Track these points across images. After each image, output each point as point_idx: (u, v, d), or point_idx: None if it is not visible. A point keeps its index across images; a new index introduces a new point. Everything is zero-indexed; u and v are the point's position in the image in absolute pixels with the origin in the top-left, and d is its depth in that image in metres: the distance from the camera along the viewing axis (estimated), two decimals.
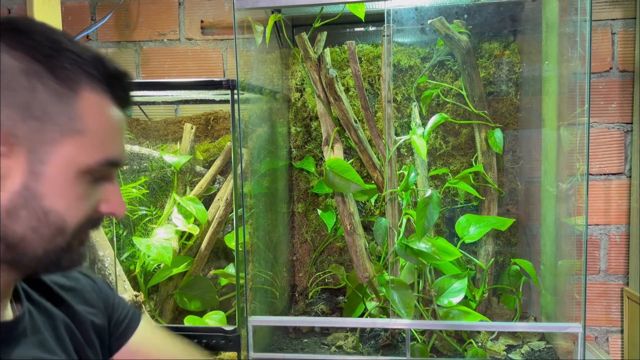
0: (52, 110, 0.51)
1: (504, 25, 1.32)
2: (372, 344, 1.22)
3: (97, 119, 0.54)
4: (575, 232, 1.09)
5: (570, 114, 1.11)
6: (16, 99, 0.49)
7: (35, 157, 0.50)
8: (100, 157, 0.54)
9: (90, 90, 0.53)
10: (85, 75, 0.53)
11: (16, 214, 0.50)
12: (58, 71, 0.52)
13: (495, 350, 1.17)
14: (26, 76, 0.50)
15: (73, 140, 0.52)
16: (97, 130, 0.54)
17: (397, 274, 1.19)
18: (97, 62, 0.54)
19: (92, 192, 0.55)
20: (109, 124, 0.55)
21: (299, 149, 1.43)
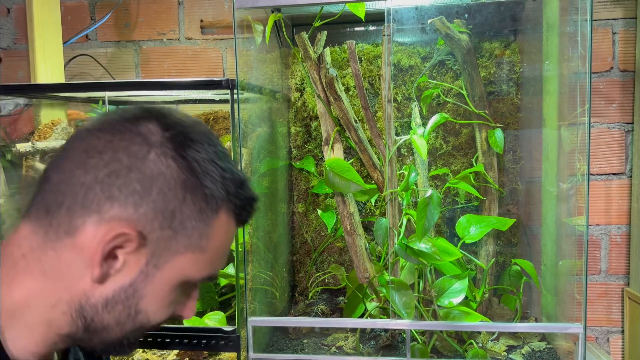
0: (189, 225, 0.52)
1: (504, 24, 1.32)
2: (372, 345, 1.22)
3: (221, 239, 0.55)
4: (576, 232, 1.09)
5: (571, 113, 1.10)
6: (164, 206, 0.50)
7: (153, 261, 0.51)
8: (207, 273, 0.55)
9: (226, 211, 0.54)
10: (227, 197, 0.54)
11: (113, 307, 0.51)
12: (209, 190, 0.52)
13: (496, 351, 1.17)
14: (182, 187, 0.51)
15: (193, 255, 0.53)
16: (216, 250, 0.55)
17: (398, 275, 1.19)
18: (241, 187, 0.56)
19: (181, 298, 0.56)
20: (228, 244, 0.57)
21: (299, 149, 1.43)
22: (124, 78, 1.55)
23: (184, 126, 0.53)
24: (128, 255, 0.50)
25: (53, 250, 0.50)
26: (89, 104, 1.45)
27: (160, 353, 1.24)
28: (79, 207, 0.49)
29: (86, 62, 1.56)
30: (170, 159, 0.51)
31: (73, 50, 1.55)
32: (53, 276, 0.50)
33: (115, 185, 0.49)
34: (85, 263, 0.49)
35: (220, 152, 0.54)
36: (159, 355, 1.23)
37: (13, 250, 0.52)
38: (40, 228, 0.51)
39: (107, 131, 0.51)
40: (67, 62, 1.49)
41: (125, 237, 0.49)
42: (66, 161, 0.51)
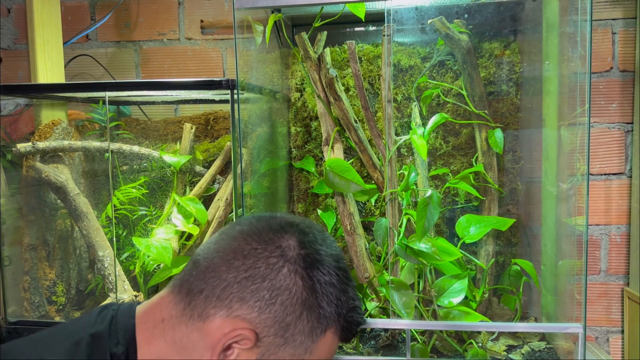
0: (299, 339, 0.57)
1: (504, 25, 1.32)
2: (372, 344, 1.22)
3: (322, 355, 0.60)
4: (576, 232, 1.09)
5: (571, 113, 1.10)
6: (283, 317, 0.57)
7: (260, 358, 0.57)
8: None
9: (333, 332, 0.60)
10: (338, 319, 0.60)
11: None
12: (324, 311, 0.58)
13: (496, 351, 1.17)
14: (302, 305, 0.57)
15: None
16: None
17: (397, 274, 1.19)
18: (352, 311, 0.61)
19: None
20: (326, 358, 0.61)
21: (299, 149, 1.43)
22: (124, 78, 1.55)
23: (317, 247, 0.60)
24: (242, 350, 0.57)
25: (185, 325, 0.58)
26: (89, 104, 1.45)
27: None
28: (215, 298, 0.57)
29: (86, 62, 1.56)
30: (298, 277, 0.58)
31: (73, 51, 1.55)
32: (180, 347, 0.58)
33: (248, 289, 0.57)
34: (207, 346, 0.57)
35: (342, 275, 0.60)
36: None
37: (155, 312, 0.60)
38: (180, 302, 0.59)
39: (255, 238, 0.59)
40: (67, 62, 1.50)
41: (244, 335, 0.56)
42: (216, 254, 0.60)
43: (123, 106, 1.51)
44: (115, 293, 1.24)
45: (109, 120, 1.31)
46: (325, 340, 0.59)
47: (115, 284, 1.24)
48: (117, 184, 1.35)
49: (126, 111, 1.52)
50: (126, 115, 1.52)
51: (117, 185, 1.35)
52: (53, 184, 1.29)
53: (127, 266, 1.31)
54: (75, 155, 1.38)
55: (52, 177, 1.29)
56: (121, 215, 1.34)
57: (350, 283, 0.62)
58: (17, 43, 1.60)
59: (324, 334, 0.59)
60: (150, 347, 0.59)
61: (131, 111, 1.52)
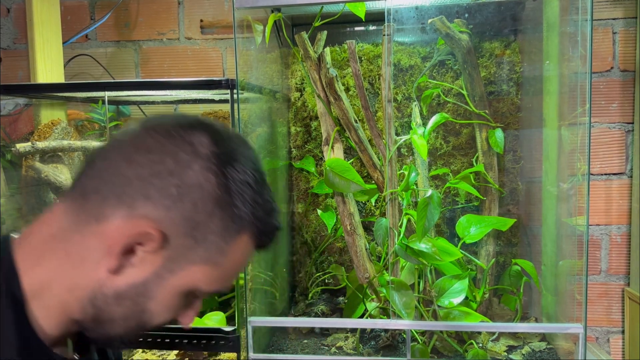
0: (211, 240, 0.53)
1: (504, 24, 1.32)
2: (373, 345, 1.21)
3: (237, 259, 0.56)
4: (576, 232, 1.09)
5: (571, 113, 1.10)
6: (192, 216, 0.51)
7: (169, 265, 0.52)
8: (215, 288, 0.56)
9: (249, 234, 0.55)
10: (255, 221, 0.55)
11: (122, 301, 0.52)
12: (239, 211, 0.54)
13: (496, 351, 1.17)
14: (214, 203, 0.52)
15: (207, 268, 0.54)
16: (229, 268, 0.56)
17: (398, 275, 1.19)
18: (269, 214, 0.57)
19: (185, 305, 0.57)
20: (242, 265, 0.58)
21: (299, 148, 1.43)
22: (123, 78, 1.55)
23: (233, 145, 0.55)
24: (147, 253, 0.51)
25: (80, 234, 0.51)
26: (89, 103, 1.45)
27: (160, 353, 1.24)
28: (114, 197, 0.51)
29: (86, 62, 1.56)
30: (211, 174, 0.52)
31: (73, 50, 1.55)
32: (75, 260, 0.52)
33: (154, 186, 0.51)
34: (105, 251, 0.51)
35: (259, 177, 0.56)
36: (159, 355, 1.23)
37: (43, 229, 0.53)
38: (73, 210, 0.52)
39: (160, 132, 0.53)
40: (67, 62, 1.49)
41: (149, 236, 0.50)
42: (113, 151, 0.53)
43: (123, 106, 1.51)
44: None
45: (109, 120, 1.31)
46: (240, 242, 0.55)
47: None
48: None
49: (126, 111, 1.52)
50: (126, 115, 1.51)
51: None
52: (53, 183, 1.29)
53: None
54: (75, 155, 1.38)
55: (52, 177, 1.29)
56: None
57: (267, 186, 0.57)
58: (17, 43, 1.59)
59: (239, 236, 0.54)
60: (38, 271, 0.52)
61: (131, 111, 1.52)
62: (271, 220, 0.58)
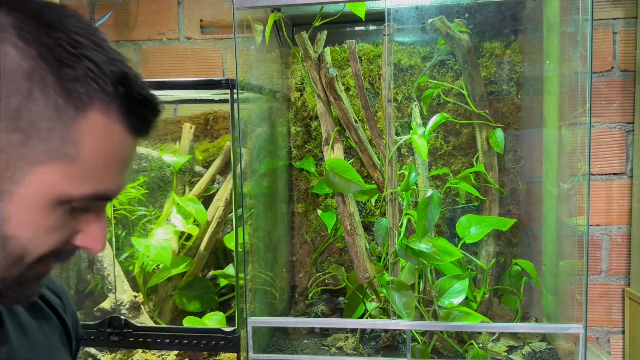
0: (44, 127, 0.42)
1: (505, 24, 1.32)
2: (373, 345, 1.21)
3: (98, 147, 0.45)
4: (577, 232, 1.09)
5: (572, 113, 1.10)
6: (5, 103, 0.41)
7: (8, 174, 0.42)
8: (89, 190, 0.45)
9: (100, 112, 0.44)
10: (100, 94, 0.44)
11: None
12: (67, 83, 0.43)
13: (496, 351, 1.17)
14: (28, 80, 0.42)
15: (61, 165, 0.43)
16: (93, 161, 0.45)
17: (398, 275, 1.19)
18: (121, 80, 0.46)
19: (68, 222, 0.46)
20: (112, 155, 0.46)
21: (299, 148, 1.43)
22: None
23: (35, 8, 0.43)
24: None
25: None
26: None
27: (159, 353, 1.23)
28: None
29: None
30: (9, 45, 0.41)
31: None
32: None
33: None
34: None
35: (90, 39, 0.45)
36: (158, 355, 1.23)
37: None
38: None
39: None
40: None
41: None
42: None
43: None
44: (114, 293, 1.24)
45: None
46: (92, 124, 0.44)
47: (115, 285, 1.24)
48: None
49: None
50: None
51: None
52: None
53: (127, 266, 1.31)
54: None
55: None
56: (120, 216, 1.34)
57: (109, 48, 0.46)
58: None
59: (84, 115, 0.43)
60: None
61: None
62: (130, 88, 0.46)
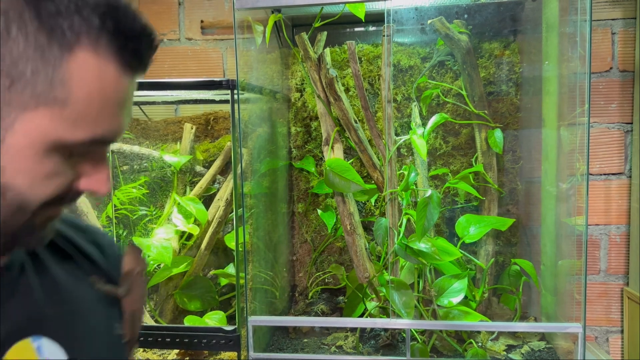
0: (27, 69, 0.40)
1: (504, 25, 1.32)
2: (372, 344, 1.22)
3: (90, 89, 0.42)
4: (576, 232, 1.09)
5: (571, 113, 1.10)
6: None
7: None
8: (85, 136, 0.43)
9: (89, 49, 0.41)
10: (87, 29, 0.41)
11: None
12: (48, 18, 0.39)
13: (496, 351, 1.17)
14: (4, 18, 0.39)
15: (50, 110, 0.41)
16: (85, 104, 0.42)
17: (397, 274, 1.19)
18: (108, 11, 0.42)
19: (67, 168, 0.45)
20: (106, 96, 0.43)
21: (299, 149, 1.43)
22: None
23: None
24: None
25: None
26: None
27: (160, 353, 1.24)
28: None
29: None
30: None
31: None
32: None
33: None
34: None
35: None
36: (159, 355, 1.24)
37: None
38: None
39: None
40: None
41: None
42: None
43: None
44: None
45: None
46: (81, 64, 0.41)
47: None
48: (117, 184, 1.36)
49: None
50: None
51: (118, 185, 1.35)
52: None
53: None
54: None
55: None
56: (122, 215, 1.34)
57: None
58: None
59: (71, 54, 0.40)
60: None
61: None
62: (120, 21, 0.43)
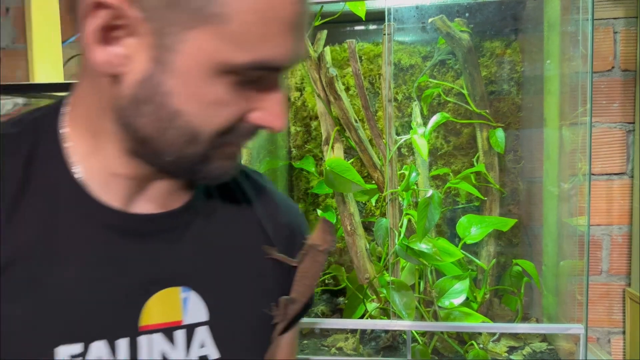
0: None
1: (505, 23, 1.31)
2: (373, 346, 1.21)
3: (248, 4, 0.40)
4: (577, 232, 1.09)
5: (572, 113, 1.10)
6: None
7: (162, 43, 0.40)
8: (249, 57, 0.41)
9: None
10: None
11: (142, 107, 0.42)
12: None
13: (497, 352, 1.17)
14: None
15: (212, 28, 0.40)
16: (245, 21, 0.40)
17: (398, 275, 1.19)
18: None
19: (237, 98, 0.43)
20: (269, 13, 0.40)
21: (299, 148, 1.42)
22: None
23: None
24: (127, 38, 0.41)
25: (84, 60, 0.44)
26: None
27: None
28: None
29: None
30: None
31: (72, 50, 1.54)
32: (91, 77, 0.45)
33: None
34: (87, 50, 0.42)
35: None
36: None
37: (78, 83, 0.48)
38: None
39: None
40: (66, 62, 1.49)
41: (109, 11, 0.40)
42: None
43: None
44: None
45: None
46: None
47: None
48: None
49: None
50: None
51: None
52: None
53: None
54: None
55: None
56: None
57: None
58: (16, 42, 1.59)
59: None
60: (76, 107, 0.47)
61: None
62: None
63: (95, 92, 0.45)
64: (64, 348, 0.42)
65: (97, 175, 0.46)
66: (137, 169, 0.47)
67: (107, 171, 0.46)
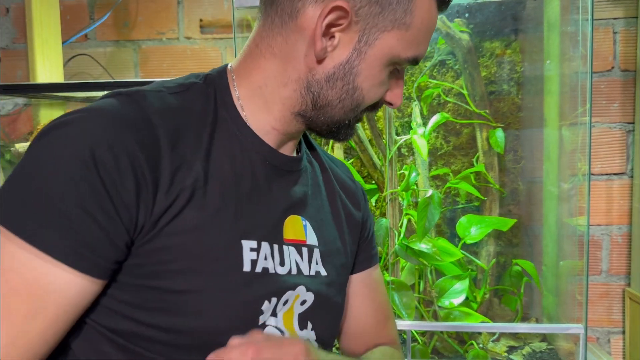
0: (396, 1, 0.55)
1: (505, 24, 1.32)
2: None
3: (424, 17, 0.57)
4: (577, 232, 1.09)
5: (572, 113, 1.10)
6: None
7: (364, 38, 0.56)
8: (412, 54, 0.58)
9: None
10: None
11: (334, 82, 0.57)
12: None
13: (497, 352, 1.17)
14: None
15: (399, 32, 0.56)
16: (419, 28, 0.57)
17: (398, 275, 1.19)
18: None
19: (388, 80, 0.60)
20: (430, 23, 0.58)
21: None
22: (123, 77, 1.55)
23: None
24: (342, 32, 0.55)
25: (280, 35, 0.57)
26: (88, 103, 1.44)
27: None
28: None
29: (85, 61, 1.56)
30: None
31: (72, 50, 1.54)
32: (282, 57, 0.57)
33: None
34: (308, 41, 0.56)
35: None
36: None
37: (250, 46, 0.60)
38: (267, 19, 0.58)
39: None
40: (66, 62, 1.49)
41: (339, 12, 0.54)
42: None
43: None
44: None
45: None
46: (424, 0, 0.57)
47: None
48: None
49: None
50: None
51: None
52: None
53: None
54: None
55: None
56: None
57: None
58: (16, 42, 1.59)
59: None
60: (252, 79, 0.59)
61: None
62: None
63: (283, 69, 0.58)
64: (246, 242, 0.56)
65: (262, 127, 0.60)
66: (291, 127, 0.60)
67: (270, 125, 0.60)
